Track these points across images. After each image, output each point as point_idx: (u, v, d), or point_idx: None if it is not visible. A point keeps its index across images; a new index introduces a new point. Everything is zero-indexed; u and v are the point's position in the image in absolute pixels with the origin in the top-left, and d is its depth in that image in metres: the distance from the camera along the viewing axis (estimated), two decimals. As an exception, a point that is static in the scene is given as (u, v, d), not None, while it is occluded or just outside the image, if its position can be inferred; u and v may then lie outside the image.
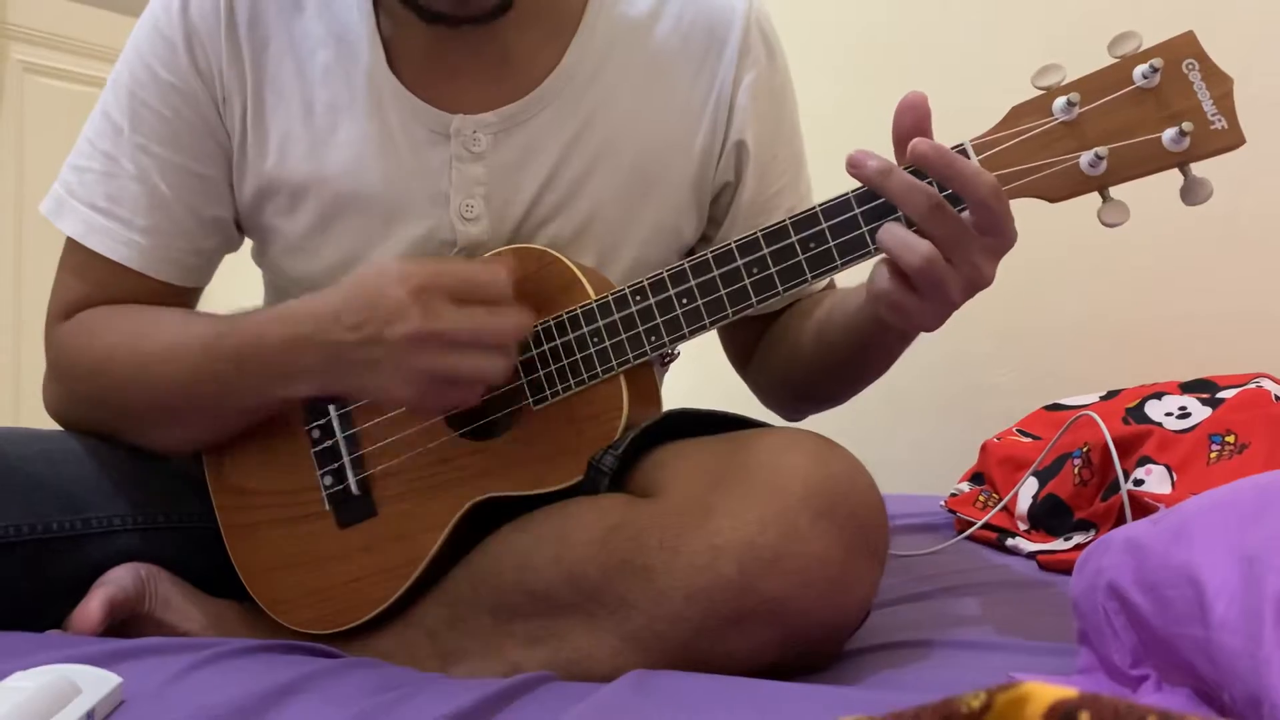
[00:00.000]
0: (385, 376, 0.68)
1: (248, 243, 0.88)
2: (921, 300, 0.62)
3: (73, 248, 0.80)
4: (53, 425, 0.83)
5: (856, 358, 0.78)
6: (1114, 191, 0.63)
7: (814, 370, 0.83)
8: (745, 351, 0.93)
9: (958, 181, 0.60)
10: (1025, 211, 0.63)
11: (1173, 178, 0.62)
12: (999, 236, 0.62)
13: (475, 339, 0.66)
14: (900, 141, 0.63)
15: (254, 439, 0.79)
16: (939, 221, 0.60)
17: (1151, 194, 0.64)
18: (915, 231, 0.62)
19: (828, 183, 0.91)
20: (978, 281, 0.63)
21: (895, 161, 0.63)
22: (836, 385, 0.85)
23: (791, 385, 0.89)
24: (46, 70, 2.16)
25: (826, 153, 0.94)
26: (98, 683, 0.54)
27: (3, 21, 2.08)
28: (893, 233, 0.62)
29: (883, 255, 0.64)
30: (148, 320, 0.79)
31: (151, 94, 0.78)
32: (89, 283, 0.80)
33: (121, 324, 0.79)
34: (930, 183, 0.61)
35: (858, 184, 0.65)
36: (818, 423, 0.81)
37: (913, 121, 0.62)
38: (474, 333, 0.66)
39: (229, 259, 0.87)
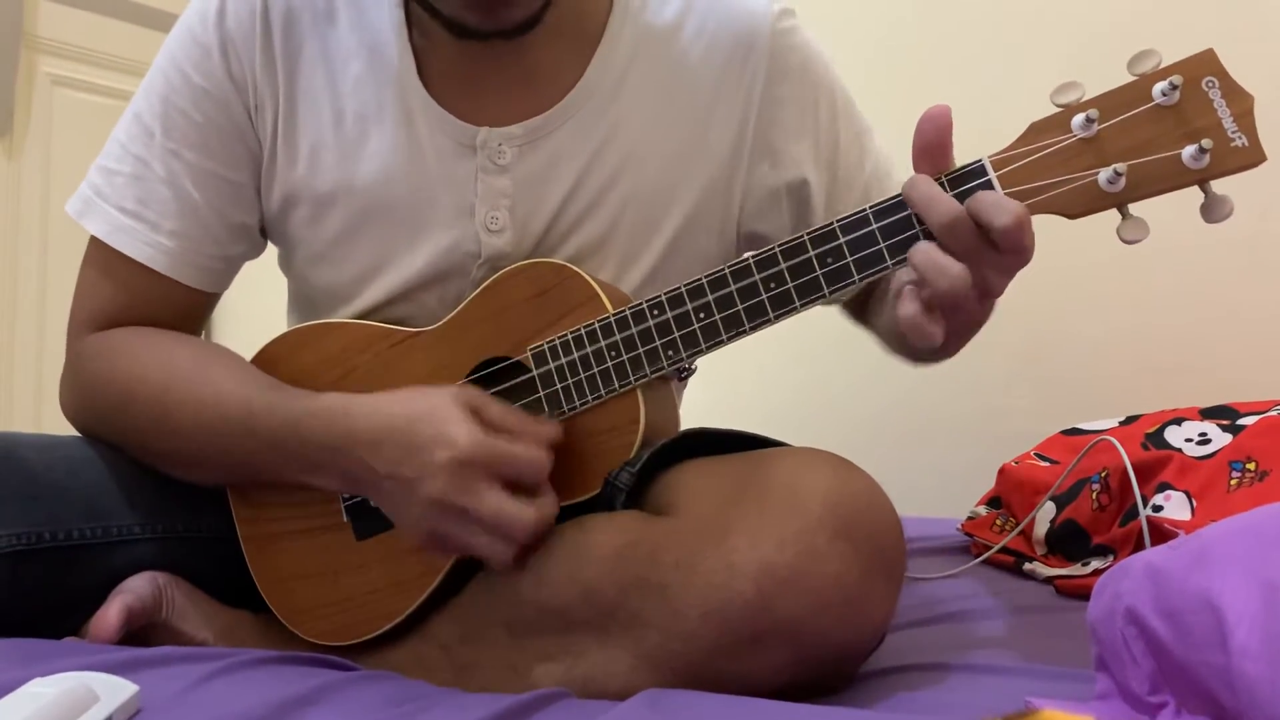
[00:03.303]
0: (398, 512, 0.70)
1: (270, 251, 0.89)
2: (946, 321, 0.63)
3: (98, 248, 0.81)
4: (73, 430, 0.84)
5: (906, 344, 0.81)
6: (1133, 209, 0.62)
7: (892, 344, 0.87)
8: (859, 311, 0.93)
9: (984, 216, 0.60)
10: (1045, 230, 0.63)
11: (1193, 196, 0.61)
12: (1018, 255, 0.62)
13: (491, 525, 0.66)
14: (921, 153, 0.63)
15: None
16: (958, 235, 0.61)
17: (1172, 213, 0.64)
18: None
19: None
20: (989, 294, 0.63)
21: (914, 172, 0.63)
22: (913, 357, 0.86)
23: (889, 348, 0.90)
24: (74, 83, 2.19)
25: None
26: (115, 690, 0.54)
27: (32, 35, 2.12)
28: (926, 253, 0.61)
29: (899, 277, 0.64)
30: (168, 363, 0.78)
31: (185, 99, 0.79)
32: (113, 284, 0.81)
33: (143, 363, 0.78)
34: (955, 195, 0.62)
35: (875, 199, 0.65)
36: (836, 443, 0.81)
37: (934, 134, 0.62)
38: (492, 518, 0.65)
39: (249, 266, 0.88)
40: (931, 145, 0.63)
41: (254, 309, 1.09)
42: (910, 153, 0.64)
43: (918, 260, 0.62)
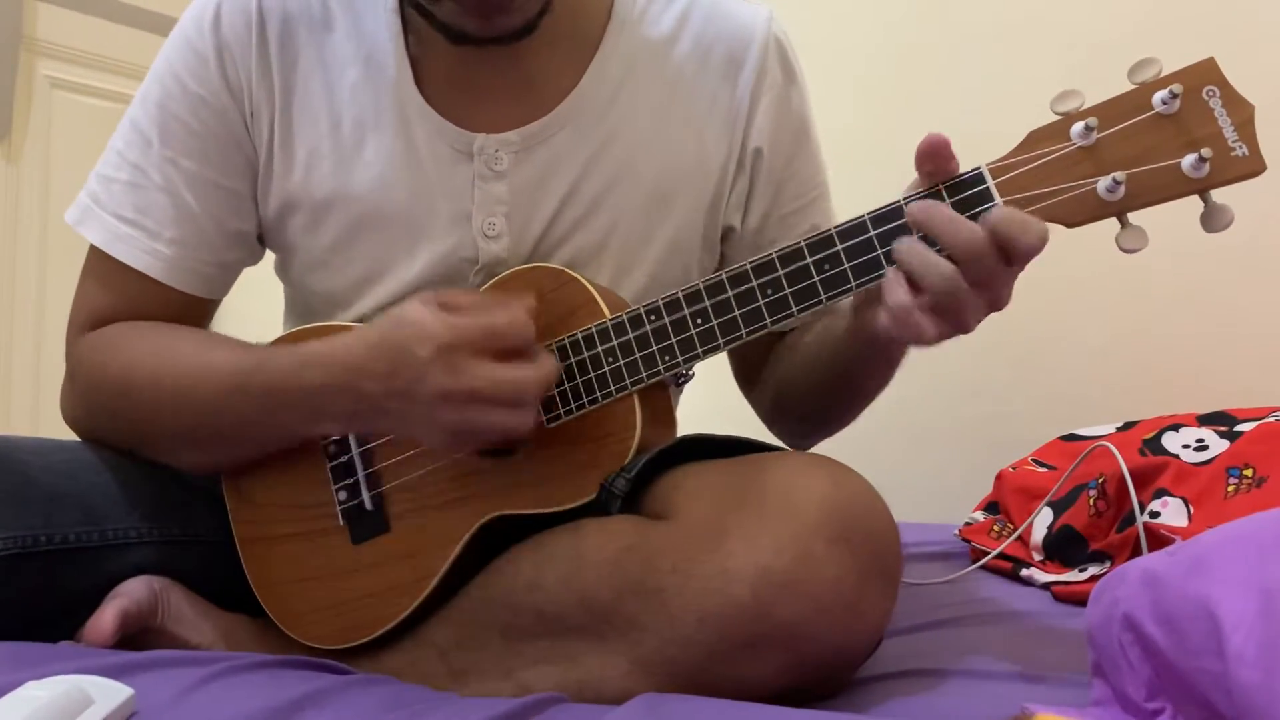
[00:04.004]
0: (412, 427, 0.69)
1: (268, 257, 0.89)
2: (938, 319, 0.62)
3: (97, 256, 0.81)
4: (71, 434, 0.84)
5: (842, 377, 0.79)
6: (1133, 217, 0.62)
7: (807, 389, 0.84)
8: (752, 372, 0.93)
9: (1008, 234, 0.60)
10: (1043, 239, 0.63)
11: (1194, 204, 0.61)
12: (1023, 266, 0.62)
13: (498, 396, 0.66)
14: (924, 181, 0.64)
15: (271, 454, 0.79)
16: (981, 261, 0.60)
17: (1172, 221, 0.64)
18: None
19: (844, 203, 0.91)
20: (996, 305, 0.63)
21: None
22: (828, 405, 0.85)
23: (789, 404, 0.89)
24: (73, 86, 2.18)
25: (842, 174, 0.94)
26: (110, 694, 0.54)
27: (31, 37, 2.11)
28: (916, 251, 0.61)
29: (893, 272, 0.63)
30: (168, 344, 0.78)
31: (181, 107, 0.79)
32: (111, 292, 0.81)
33: (142, 345, 0.79)
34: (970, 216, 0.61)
35: (873, 206, 0.65)
36: (833, 448, 0.81)
37: (934, 168, 0.62)
38: (496, 389, 0.66)
39: (248, 271, 0.88)
40: (933, 175, 0.63)
41: (253, 314, 1.09)
42: (912, 161, 0.64)
43: (910, 259, 0.61)
